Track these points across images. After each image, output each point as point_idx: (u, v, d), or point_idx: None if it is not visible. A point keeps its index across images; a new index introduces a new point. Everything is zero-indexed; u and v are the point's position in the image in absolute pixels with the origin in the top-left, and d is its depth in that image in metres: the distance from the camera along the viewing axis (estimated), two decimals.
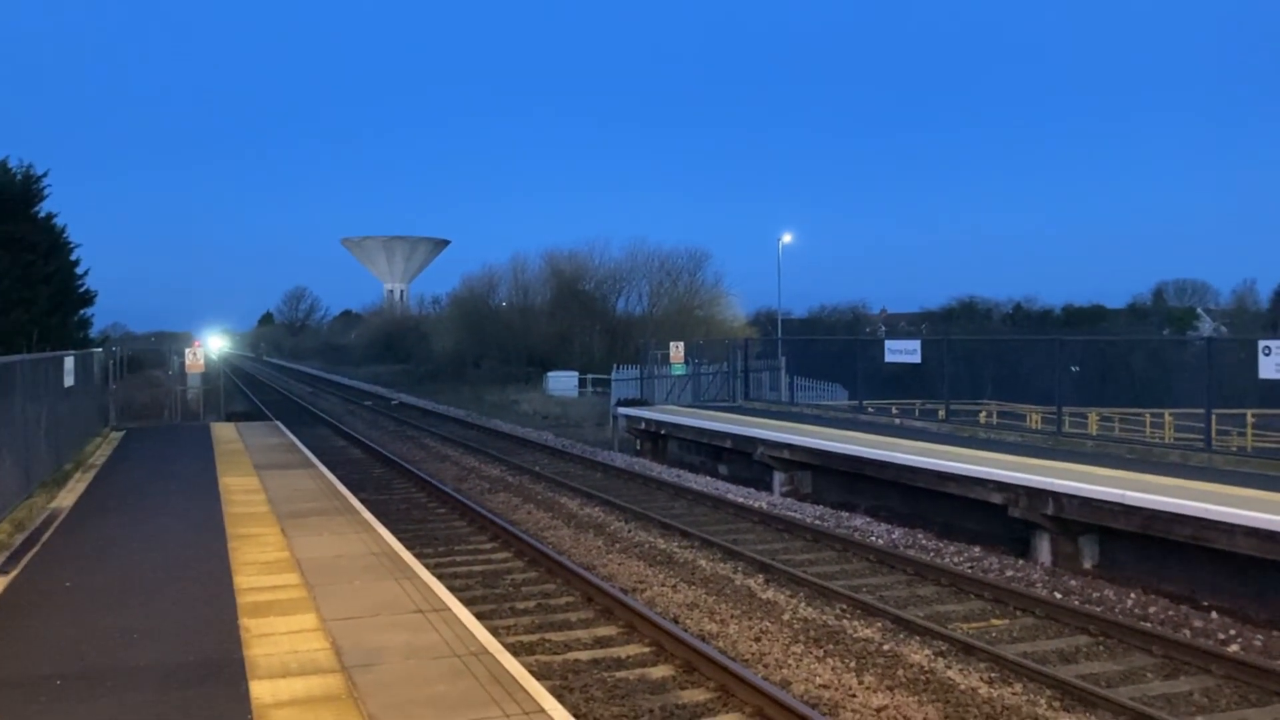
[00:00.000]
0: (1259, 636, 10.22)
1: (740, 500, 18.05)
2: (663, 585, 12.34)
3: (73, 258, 32.07)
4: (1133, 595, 11.73)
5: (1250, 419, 22.64)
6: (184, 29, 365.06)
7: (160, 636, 7.62)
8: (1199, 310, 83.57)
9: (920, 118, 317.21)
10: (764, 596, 11.78)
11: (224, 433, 23.97)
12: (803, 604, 11.44)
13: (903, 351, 23.39)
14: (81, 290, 32.87)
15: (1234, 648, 9.85)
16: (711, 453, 23.40)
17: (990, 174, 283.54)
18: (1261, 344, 14.89)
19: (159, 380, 33.92)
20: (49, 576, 9.60)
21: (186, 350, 29.72)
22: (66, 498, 14.50)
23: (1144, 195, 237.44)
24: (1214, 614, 11.03)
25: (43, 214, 29.75)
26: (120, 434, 24.09)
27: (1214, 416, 16.50)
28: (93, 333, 35.09)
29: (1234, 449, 19.64)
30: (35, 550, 10.85)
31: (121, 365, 30.81)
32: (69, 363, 18.97)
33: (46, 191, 29.93)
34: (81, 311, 32.97)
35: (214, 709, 6.13)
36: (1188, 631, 10.43)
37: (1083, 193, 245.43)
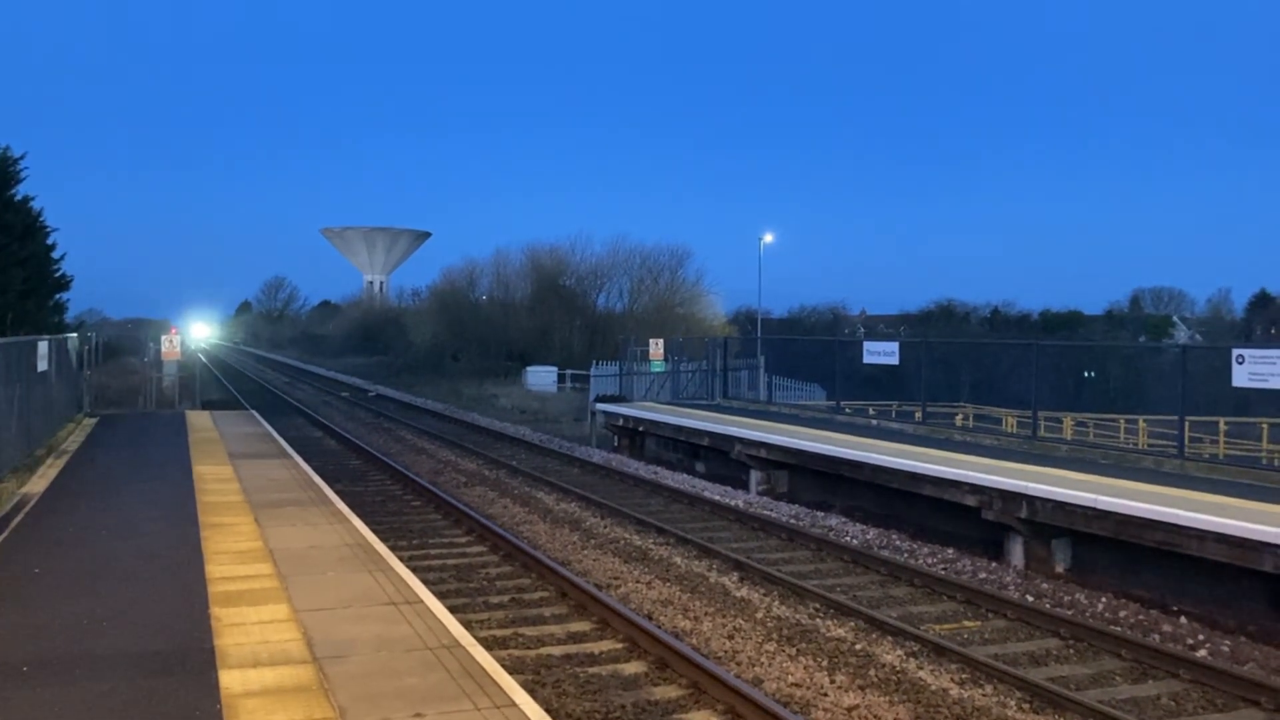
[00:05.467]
0: (1226, 642, 10.32)
1: (716, 498, 18.08)
2: (637, 582, 12.34)
3: (49, 241, 31.76)
4: (1104, 599, 11.81)
5: (1223, 426, 22.86)
6: (166, 16, 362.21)
7: (130, 624, 7.56)
8: (1175, 318, 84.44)
9: (901, 121, 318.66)
10: (738, 595, 11.80)
11: (199, 421, 23.80)
12: (776, 603, 11.47)
13: (881, 353, 23.47)
14: (58, 274, 32.57)
15: (1202, 653, 9.94)
16: (689, 450, 23.42)
17: (970, 180, 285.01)
18: (1235, 352, 15.01)
19: (135, 367, 33.63)
20: (18, 563, 9.51)
21: (163, 337, 29.49)
22: (38, 484, 14.36)
23: (1122, 203, 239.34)
24: (1183, 619, 11.12)
25: (19, 196, 29.44)
26: (94, 420, 23.88)
27: (1187, 423, 16.63)
28: (68, 317, 34.80)
29: (1206, 456, 19.83)
30: (4, 536, 10.75)
31: (97, 351, 30.57)
32: (43, 347, 18.79)
33: (24, 174, 29.63)
34: (57, 296, 32.67)
35: (183, 698, 6.09)
36: (1157, 636, 10.52)
37: (1062, 199, 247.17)
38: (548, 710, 6.75)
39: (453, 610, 8.90)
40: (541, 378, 48.11)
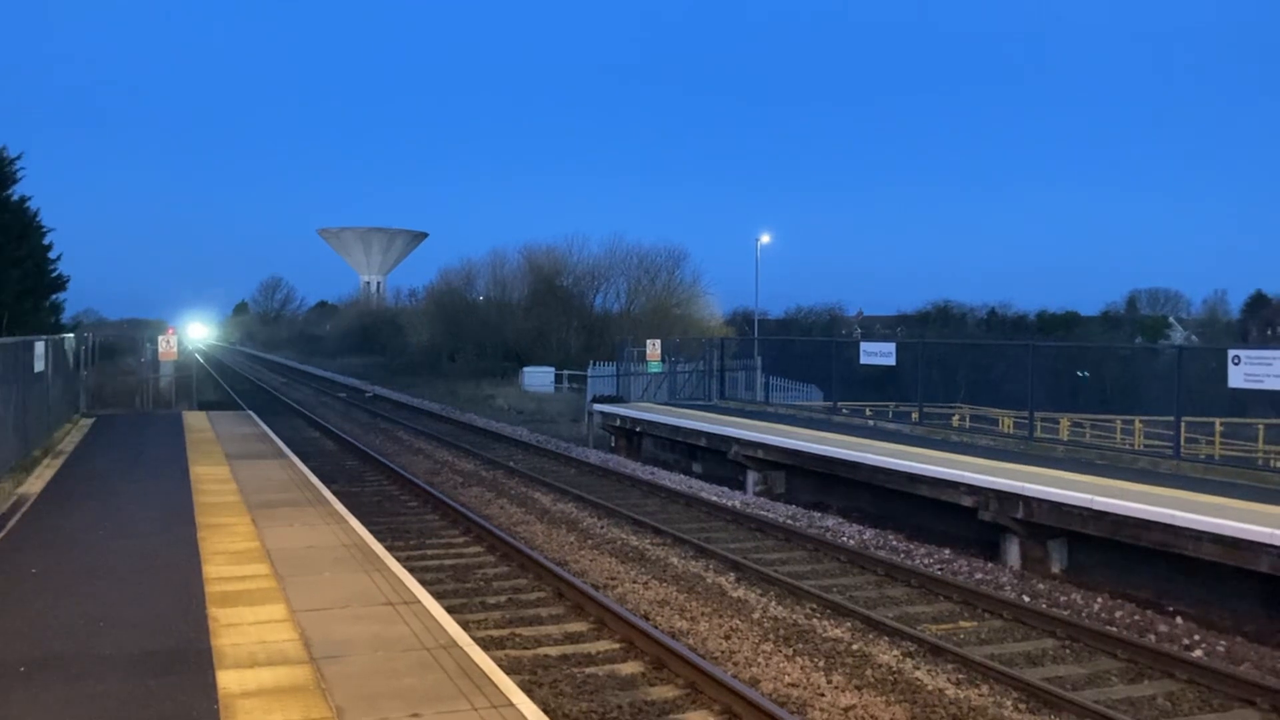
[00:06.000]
0: (1222, 642, 10.34)
1: (713, 499, 18.08)
2: (634, 582, 12.35)
3: (46, 241, 31.73)
4: (1100, 599, 11.83)
5: (1219, 427, 22.89)
6: (162, 16, 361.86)
7: (127, 625, 7.55)
8: (1171, 319, 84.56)
9: (899, 123, 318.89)
10: (735, 595, 11.81)
11: (196, 421, 23.78)
12: (773, 603, 11.48)
13: (878, 354, 23.49)
14: (54, 275, 32.54)
15: (1198, 653, 9.96)
16: (686, 451, 23.43)
17: (968, 180, 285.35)
18: (1231, 353, 15.04)
19: (132, 368, 33.58)
20: (14, 563, 9.49)
21: (160, 338, 29.45)
22: (34, 484, 14.34)
23: (1120, 204, 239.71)
24: (1179, 619, 11.15)
25: (15, 196, 29.41)
26: (90, 421, 23.85)
27: (1183, 424, 16.67)
28: (65, 318, 34.73)
29: (1202, 456, 19.85)
30: (1, 536, 10.74)
31: (94, 351, 30.50)
32: (39, 347, 18.76)
33: (20, 174, 29.61)
34: (53, 296, 32.64)
35: (181, 698, 6.09)
36: (1153, 636, 10.54)
37: (1059, 200, 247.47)
38: (545, 710, 6.76)
39: (450, 610, 8.90)
40: (538, 378, 48.09)
